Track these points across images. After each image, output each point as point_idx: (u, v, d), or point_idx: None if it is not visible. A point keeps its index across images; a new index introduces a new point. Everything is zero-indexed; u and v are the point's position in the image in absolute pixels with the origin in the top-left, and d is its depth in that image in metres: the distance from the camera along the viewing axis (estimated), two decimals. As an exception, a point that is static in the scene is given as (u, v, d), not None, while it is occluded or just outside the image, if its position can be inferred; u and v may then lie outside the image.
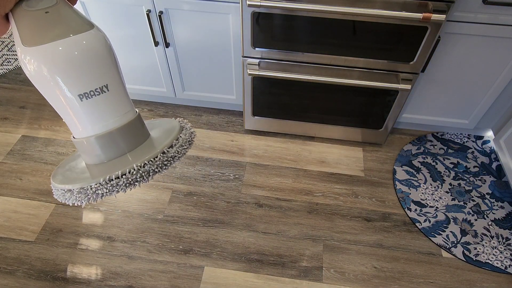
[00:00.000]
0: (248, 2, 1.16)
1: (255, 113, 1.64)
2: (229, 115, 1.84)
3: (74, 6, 0.31)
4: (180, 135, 0.33)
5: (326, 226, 1.42)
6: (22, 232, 1.38)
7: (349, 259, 1.33)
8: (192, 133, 0.34)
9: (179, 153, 0.32)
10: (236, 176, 1.58)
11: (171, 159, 0.31)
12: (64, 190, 0.30)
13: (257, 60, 1.40)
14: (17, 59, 2.13)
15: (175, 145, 0.32)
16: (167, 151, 0.31)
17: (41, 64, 0.26)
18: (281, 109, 1.61)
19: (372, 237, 1.39)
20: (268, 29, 1.28)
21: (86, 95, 0.28)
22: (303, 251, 1.35)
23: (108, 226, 1.40)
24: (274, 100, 1.57)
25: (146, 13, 1.36)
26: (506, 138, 1.50)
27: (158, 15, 1.36)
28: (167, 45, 1.47)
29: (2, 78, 2.03)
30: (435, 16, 1.12)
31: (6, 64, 2.11)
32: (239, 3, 1.28)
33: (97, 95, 0.28)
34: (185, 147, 0.33)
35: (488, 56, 1.33)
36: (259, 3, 1.16)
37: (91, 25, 0.29)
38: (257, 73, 1.40)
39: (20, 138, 1.70)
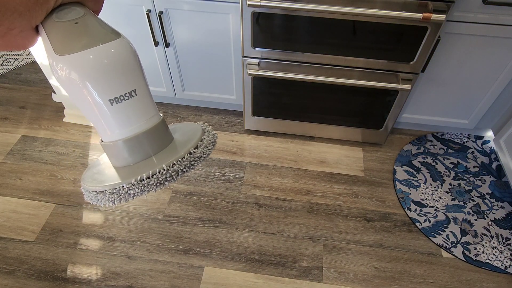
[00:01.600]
0: (248, 2, 1.16)
1: (255, 113, 1.64)
2: (229, 115, 1.84)
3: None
4: (204, 136, 0.35)
5: (326, 226, 1.42)
6: (22, 232, 1.38)
7: (349, 259, 1.33)
8: (214, 134, 0.36)
9: (204, 153, 0.33)
10: (236, 176, 1.58)
11: (198, 159, 0.33)
12: (96, 191, 0.31)
13: (257, 60, 1.40)
14: (17, 59, 2.13)
15: (200, 146, 0.33)
16: (193, 151, 0.32)
17: (72, 72, 0.28)
18: (281, 109, 1.61)
19: (372, 237, 1.39)
20: (268, 29, 1.28)
21: (116, 99, 0.29)
22: (303, 251, 1.35)
23: (108, 226, 1.40)
24: (274, 100, 1.57)
25: (146, 13, 1.36)
26: (506, 138, 1.50)
27: (158, 15, 1.36)
28: (167, 45, 1.47)
29: (2, 78, 2.03)
30: (435, 16, 1.12)
31: (6, 64, 2.11)
32: (239, 3, 1.28)
33: (126, 99, 0.30)
34: (209, 147, 0.34)
35: (488, 56, 1.33)
36: (259, 3, 1.16)
37: (117, 34, 0.31)
38: (257, 73, 1.40)
39: (20, 138, 1.70)
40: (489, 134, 1.75)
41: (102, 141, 0.32)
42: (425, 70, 1.39)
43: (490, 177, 1.58)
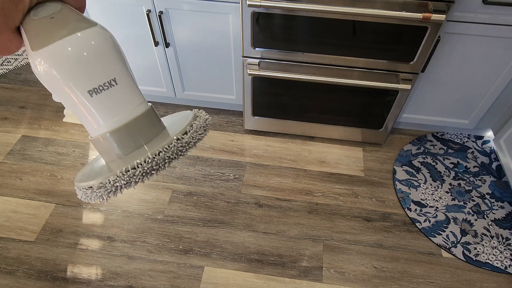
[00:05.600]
0: (248, 2, 1.16)
1: (255, 113, 1.64)
2: (229, 115, 1.84)
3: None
4: (194, 122, 0.33)
5: (326, 226, 1.42)
6: (22, 232, 1.38)
7: (349, 259, 1.33)
8: (206, 119, 0.35)
9: (194, 138, 0.32)
10: (236, 176, 1.58)
11: (186, 145, 0.31)
12: (85, 188, 0.30)
13: (257, 60, 1.40)
14: (17, 59, 2.14)
15: (189, 131, 0.32)
16: (181, 137, 0.31)
17: (49, 64, 0.27)
18: (281, 109, 1.61)
19: (372, 237, 1.39)
20: (268, 29, 1.28)
21: (96, 90, 0.29)
22: (303, 251, 1.35)
23: (108, 226, 1.40)
24: (274, 100, 1.57)
25: (146, 13, 1.36)
26: (506, 138, 1.50)
27: (158, 15, 1.36)
28: (167, 45, 1.47)
29: (2, 78, 2.03)
30: (435, 16, 1.12)
31: (6, 64, 2.11)
32: (239, 3, 1.28)
33: (106, 89, 0.29)
34: (200, 132, 0.33)
35: (488, 56, 1.33)
36: (259, 3, 1.16)
37: (95, 24, 0.30)
38: (257, 73, 1.40)
39: (20, 138, 1.70)
40: (489, 134, 1.75)
41: (90, 137, 0.32)
42: (425, 70, 1.39)
43: (490, 177, 1.58)
